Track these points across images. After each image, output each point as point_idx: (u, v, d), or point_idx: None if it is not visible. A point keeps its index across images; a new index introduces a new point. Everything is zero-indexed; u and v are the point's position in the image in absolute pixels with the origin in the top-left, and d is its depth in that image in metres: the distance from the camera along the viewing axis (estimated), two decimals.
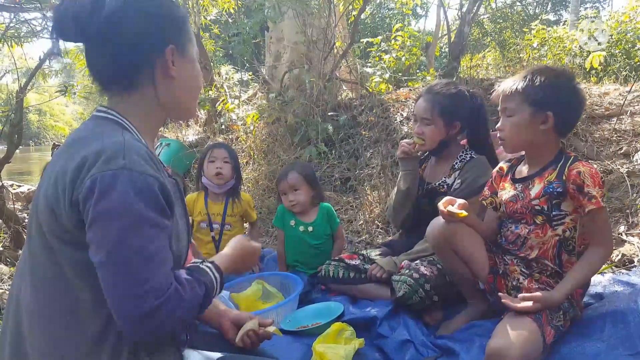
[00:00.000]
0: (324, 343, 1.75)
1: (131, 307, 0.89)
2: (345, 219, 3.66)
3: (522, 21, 12.77)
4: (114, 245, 0.89)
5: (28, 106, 7.46)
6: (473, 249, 1.81)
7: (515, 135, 1.67)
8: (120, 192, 0.90)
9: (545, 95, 1.60)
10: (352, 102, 5.09)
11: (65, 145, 1.03)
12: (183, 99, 1.14)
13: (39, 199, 1.00)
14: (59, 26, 1.01)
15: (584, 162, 1.63)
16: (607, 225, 1.62)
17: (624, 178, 2.91)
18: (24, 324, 1.00)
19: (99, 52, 1.04)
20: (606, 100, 4.22)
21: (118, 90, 1.08)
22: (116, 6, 1.00)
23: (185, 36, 1.12)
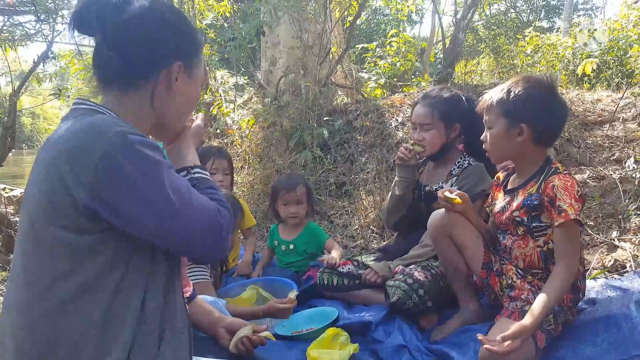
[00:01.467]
0: (319, 348, 1.74)
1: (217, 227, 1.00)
2: (340, 223, 3.66)
3: (515, 28, 12.87)
4: (168, 192, 0.94)
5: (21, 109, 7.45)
6: (469, 239, 1.83)
7: (495, 147, 1.70)
8: (140, 151, 0.92)
9: (519, 108, 1.60)
10: (347, 107, 5.10)
11: (51, 140, 1.00)
12: (172, 116, 1.15)
13: (28, 197, 0.99)
14: (80, 18, 1.03)
15: (563, 174, 1.60)
16: (574, 241, 1.54)
17: (616, 184, 2.93)
18: (16, 325, 0.98)
19: (111, 49, 1.04)
20: (599, 106, 4.26)
21: (117, 89, 1.07)
22: (140, 10, 1.03)
23: (195, 58, 1.14)
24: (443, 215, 1.85)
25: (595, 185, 3.11)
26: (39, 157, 1.01)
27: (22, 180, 9.82)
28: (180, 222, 0.96)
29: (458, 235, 1.84)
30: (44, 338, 0.94)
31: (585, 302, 1.90)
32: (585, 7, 17.27)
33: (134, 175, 0.91)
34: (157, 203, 0.93)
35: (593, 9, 17.47)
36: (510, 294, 1.72)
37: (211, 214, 1.01)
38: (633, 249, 2.33)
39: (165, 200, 0.93)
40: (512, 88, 1.63)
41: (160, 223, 0.94)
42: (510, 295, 1.71)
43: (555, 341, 1.62)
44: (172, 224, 0.95)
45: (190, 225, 0.97)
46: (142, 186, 0.92)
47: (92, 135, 0.92)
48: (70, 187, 0.91)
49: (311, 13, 5.10)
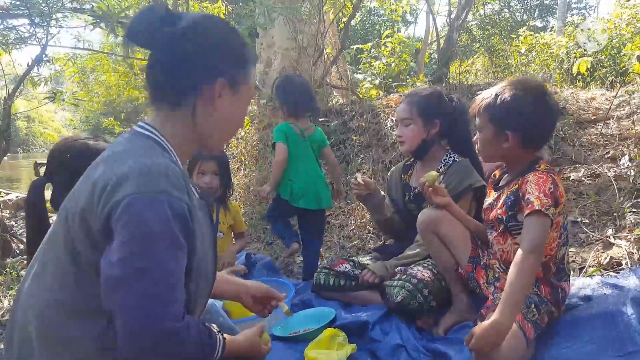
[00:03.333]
0: (316, 349, 1.74)
1: (151, 325, 0.89)
2: (337, 224, 3.66)
3: (510, 27, 12.92)
4: (149, 263, 0.91)
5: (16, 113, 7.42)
6: (455, 235, 1.90)
7: (484, 150, 1.76)
8: (161, 216, 0.93)
9: (505, 116, 1.62)
10: (342, 108, 5.11)
11: (105, 157, 1.05)
12: (215, 133, 1.14)
13: (71, 202, 1.02)
14: (132, 29, 1.06)
15: (540, 172, 1.62)
16: (538, 231, 1.51)
17: (611, 182, 2.95)
18: (31, 325, 1.00)
19: (160, 63, 1.07)
20: (593, 105, 4.28)
21: (165, 106, 1.09)
22: (188, 24, 1.05)
23: (242, 75, 1.13)
24: (429, 214, 1.92)
25: (590, 183, 3.12)
26: (92, 168, 1.05)
27: (17, 184, 9.78)
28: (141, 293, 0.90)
29: (444, 232, 1.90)
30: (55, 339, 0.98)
31: (580, 298, 1.91)
32: (579, 6, 17.37)
33: (138, 231, 0.91)
34: (146, 261, 0.91)
35: (586, 7, 17.58)
36: (496, 284, 1.78)
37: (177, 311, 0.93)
38: (628, 247, 2.34)
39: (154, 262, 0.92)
40: (500, 94, 1.64)
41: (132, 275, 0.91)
42: (496, 285, 1.77)
43: (551, 338, 1.63)
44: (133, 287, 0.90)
45: (144, 301, 0.90)
46: (135, 242, 0.91)
47: (142, 175, 0.96)
48: (99, 210, 0.95)
49: (305, 14, 5.10)
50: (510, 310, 1.42)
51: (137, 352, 0.90)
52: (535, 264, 1.49)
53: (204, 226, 1.09)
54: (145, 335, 0.89)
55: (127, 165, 0.98)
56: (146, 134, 1.08)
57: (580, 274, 2.27)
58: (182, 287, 0.96)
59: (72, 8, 3.42)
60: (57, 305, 0.98)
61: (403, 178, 2.40)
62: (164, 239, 0.93)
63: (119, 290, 0.90)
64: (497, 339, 1.38)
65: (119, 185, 0.94)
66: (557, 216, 1.57)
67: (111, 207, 0.93)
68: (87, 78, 8.59)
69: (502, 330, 1.39)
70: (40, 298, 1.01)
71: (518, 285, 1.44)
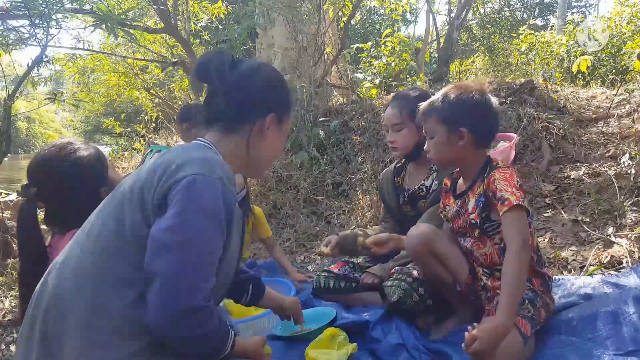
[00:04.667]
0: (317, 348, 1.74)
1: (184, 294, 0.99)
2: (338, 223, 3.67)
3: (510, 26, 12.91)
4: (196, 235, 1.03)
5: (16, 114, 7.43)
6: (451, 251, 1.82)
7: (439, 154, 1.73)
8: (215, 197, 1.07)
9: (457, 113, 1.66)
10: (343, 108, 5.11)
11: (169, 151, 1.22)
12: (262, 160, 1.35)
13: (130, 180, 1.16)
14: (203, 69, 1.27)
15: (502, 168, 1.63)
16: (520, 226, 1.51)
17: (612, 180, 2.95)
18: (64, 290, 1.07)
19: (223, 96, 1.27)
20: (593, 103, 4.28)
21: (220, 128, 1.29)
22: (250, 68, 1.30)
23: (286, 114, 1.36)
24: (421, 235, 1.80)
25: (590, 182, 3.12)
26: (157, 157, 1.22)
27: (18, 185, 9.77)
28: (183, 262, 1.01)
29: (442, 252, 1.80)
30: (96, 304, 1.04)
31: (581, 297, 1.91)
32: (579, 5, 17.35)
33: (193, 204, 1.04)
34: (195, 234, 1.03)
35: (587, 6, 17.55)
36: (486, 296, 1.75)
37: (207, 289, 1.03)
38: (629, 245, 2.34)
39: (201, 238, 1.04)
40: (446, 96, 1.69)
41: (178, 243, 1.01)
42: (487, 297, 1.74)
43: (553, 335, 1.63)
44: (179, 255, 1.01)
45: (184, 271, 1.00)
46: (188, 214, 1.04)
47: (204, 163, 1.12)
48: (161, 182, 1.08)
49: (305, 14, 5.10)
50: (513, 310, 1.43)
51: (162, 320, 0.99)
52: (527, 259, 1.50)
53: (237, 231, 1.21)
54: (174, 305, 0.98)
55: (189, 154, 1.15)
56: (204, 144, 1.26)
57: (580, 272, 2.26)
58: (214, 271, 1.07)
59: (72, 9, 3.43)
60: (97, 272, 1.06)
61: (396, 180, 2.37)
62: (213, 220, 1.06)
63: (163, 254, 1.00)
64: (500, 340, 1.38)
65: (182, 166, 1.09)
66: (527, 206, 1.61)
67: (172, 183, 1.06)
68: (87, 78, 8.58)
69: (506, 331, 1.39)
70: (79, 268, 1.08)
71: (516, 283, 1.44)
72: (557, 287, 2.05)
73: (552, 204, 3.03)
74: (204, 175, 1.07)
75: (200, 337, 1.03)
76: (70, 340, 1.03)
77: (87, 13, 3.80)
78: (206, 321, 1.03)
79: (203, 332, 1.03)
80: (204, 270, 1.03)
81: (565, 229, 2.73)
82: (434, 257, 1.79)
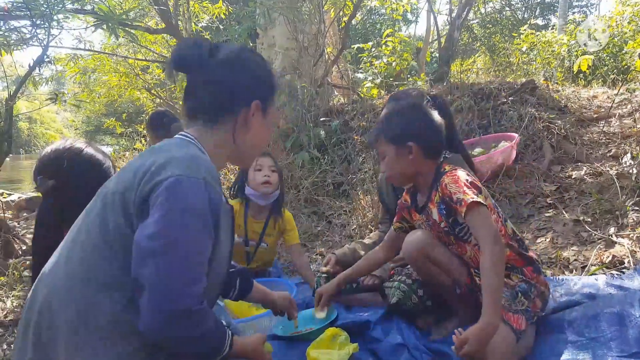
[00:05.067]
0: (318, 348, 1.74)
1: (175, 300, 0.96)
2: (339, 223, 3.67)
3: (511, 26, 12.90)
4: (182, 239, 0.99)
5: (18, 114, 7.44)
6: (447, 255, 1.80)
7: (394, 172, 1.78)
8: (200, 198, 1.04)
9: (401, 129, 1.73)
10: (343, 108, 5.11)
11: (149, 150, 1.20)
12: (249, 149, 1.30)
13: (113, 184, 1.13)
14: (179, 58, 1.22)
15: (449, 172, 1.67)
16: (484, 220, 1.52)
17: (614, 180, 2.94)
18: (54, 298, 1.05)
19: (203, 86, 1.22)
20: (595, 103, 4.28)
21: (203, 122, 1.23)
22: (229, 55, 1.23)
23: (270, 100, 1.30)
24: (417, 241, 1.79)
25: (592, 182, 3.11)
26: (136, 158, 1.18)
27: (19, 185, 9.80)
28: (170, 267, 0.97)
29: (436, 255, 1.79)
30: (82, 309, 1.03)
31: (584, 296, 1.91)
32: (580, 4, 17.33)
33: (177, 206, 1.01)
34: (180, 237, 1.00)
35: (588, 5, 17.53)
36: None
37: (198, 292, 1.00)
38: (631, 245, 2.34)
39: (186, 241, 1.00)
40: (386, 117, 1.80)
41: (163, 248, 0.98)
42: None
43: (555, 333, 1.63)
44: (164, 260, 0.98)
45: (172, 275, 0.97)
46: (172, 217, 1.00)
47: (187, 162, 1.08)
48: (142, 183, 1.05)
49: (306, 14, 5.10)
50: (497, 306, 1.43)
51: (156, 327, 0.97)
52: (501, 252, 1.50)
53: (226, 229, 1.17)
54: (167, 311, 0.96)
55: (171, 153, 1.10)
56: (187, 139, 1.21)
57: (582, 272, 2.26)
58: (205, 272, 1.04)
59: (73, 9, 3.43)
60: (84, 281, 1.04)
61: None
62: (199, 220, 1.02)
63: (150, 261, 0.97)
64: (490, 339, 1.39)
65: (163, 167, 1.05)
66: (486, 200, 1.62)
67: (153, 185, 1.03)
68: (88, 79, 8.59)
69: (494, 329, 1.40)
70: (68, 274, 1.06)
71: (495, 279, 1.45)
72: (559, 285, 2.05)
73: (554, 204, 3.03)
74: (187, 176, 1.04)
75: (196, 339, 1.02)
76: (62, 345, 1.02)
77: (88, 13, 3.81)
78: (201, 323, 1.01)
79: (198, 334, 1.01)
80: (193, 273, 1.00)
81: (566, 228, 2.73)
82: (431, 262, 1.79)
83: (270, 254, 2.68)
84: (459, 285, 1.82)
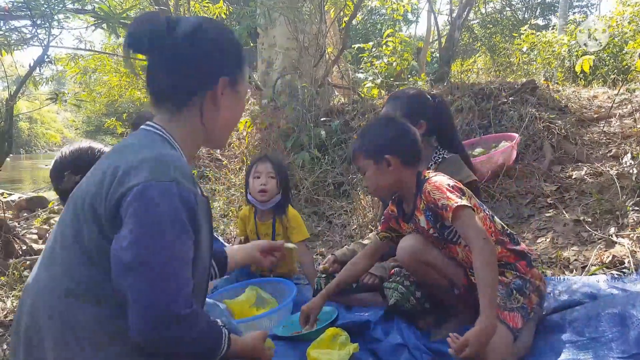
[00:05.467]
0: (318, 348, 1.74)
1: (162, 309, 0.93)
2: (339, 223, 3.67)
3: (511, 26, 12.89)
4: (159, 248, 0.95)
5: (18, 114, 7.46)
6: (441, 258, 1.80)
7: (376, 186, 1.80)
8: (172, 203, 0.98)
9: (375, 145, 1.77)
10: (344, 107, 5.10)
11: (115, 149, 1.13)
12: (220, 129, 1.22)
13: (81, 191, 1.06)
14: (134, 38, 1.11)
15: (430, 179, 1.70)
16: (471, 223, 1.55)
17: (614, 180, 2.94)
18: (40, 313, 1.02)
19: (164, 68, 1.13)
20: (595, 103, 4.27)
21: (169, 108, 1.15)
22: (191, 29, 1.11)
23: (240, 73, 1.20)
24: (412, 246, 1.79)
25: (592, 182, 3.11)
26: (102, 160, 1.11)
27: (20, 185, 9.80)
28: (153, 279, 0.94)
29: (430, 258, 1.79)
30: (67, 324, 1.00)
31: (585, 295, 1.91)
32: (581, 4, 17.33)
33: (150, 216, 0.96)
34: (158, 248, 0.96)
35: (588, 5, 17.53)
36: None
37: (187, 295, 0.97)
38: (631, 245, 2.34)
39: (164, 248, 0.96)
40: (360, 135, 1.85)
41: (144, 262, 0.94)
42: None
43: (555, 333, 1.63)
44: (145, 273, 0.94)
45: (156, 286, 0.94)
46: (147, 227, 0.96)
47: (154, 164, 1.01)
48: (109, 193, 0.99)
49: (307, 14, 5.11)
50: (494, 306, 1.45)
51: (147, 336, 0.94)
52: (492, 250, 1.52)
53: (205, 224, 1.12)
54: (155, 320, 0.93)
55: (138, 154, 1.02)
56: (153, 131, 1.13)
57: (582, 272, 2.26)
58: (189, 273, 1.00)
59: (73, 9, 3.43)
60: (67, 291, 1.01)
61: None
62: (174, 226, 0.97)
63: (129, 275, 0.94)
64: (489, 339, 1.40)
65: (130, 172, 0.99)
66: (471, 201, 1.65)
67: (122, 193, 0.97)
68: (89, 79, 8.61)
69: (494, 329, 1.41)
70: (50, 285, 1.03)
71: (489, 278, 1.47)
72: (560, 285, 2.05)
73: (554, 204, 3.03)
74: (156, 180, 0.97)
75: (189, 342, 0.99)
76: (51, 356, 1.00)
77: (89, 13, 3.80)
78: (192, 326, 0.98)
79: (191, 337, 0.98)
80: (176, 280, 0.96)
81: (567, 229, 2.73)
82: (426, 266, 1.79)
83: (289, 255, 2.58)
84: (456, 287, 1.82)
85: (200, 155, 5.51)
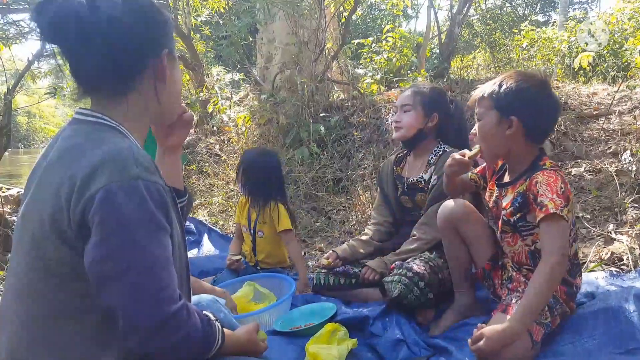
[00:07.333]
0: (317, 344, 1.74)
1: (150, 314, 0.90)
2: (338, 219, 3.67)
3: (511, 22, 12.86)
4: (134, 254, 0.90)
5: (17, 108, 7.43)
6: (478, 235, 1.81)
7: (485, 141, 1.66)
8: (141, 203, 0.91)
9: (510, 100, 1.58)
10: (343, 103, 5.09)
11: (60, 153, 0.99)
12: (170, 103, 1.15)
13: (32, 211, 0.97)
14: (55, 26, 0.96)
15: (548, 170, 1.56)
16: (557, 236, 1.46)
17: (613, 177, 2.94)
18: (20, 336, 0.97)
19: (92, 54, 0.99)
20: (595, 100, 4.27)
21: (107, 94, 1.05)
22: (114, 8, 0.99)
23: (173, 41, 1.13)
24: (453, 210, 1.83)
25: (591, 179, 3.12)
26: (48, 169, 0.99)
27: (18, 179, 9.78)
28: (135, 285, 0.90)
29: (465, 231, 1.81)
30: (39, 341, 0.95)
31: (584, 295, 1.91)
32: (581, 1, 17.29)
33: (118, 221, 0.89)
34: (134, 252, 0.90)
35: (588, 2, 17.49)
36: (508, 285, 1.73)
37: (172, 293, 0.93)
38: (630, 242, 2.34)
39: (142, 252, 0.90)
40: (504, 81, 1.61)
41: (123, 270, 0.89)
42: (509, 287, 1.72)
43: (554, 335, 1.63)
44: (126, 281, 0.89)
45: (140, 292, 0.89)
46: (117, 234, 0.89)
47: (111, 163, 0.92)
48: (71, 205, 0.91)
49: (306, 9, 5.08)
50: (528, 318, 1.41)
51: (141, 342, 0.90)
52: (561, 273, 1.46)
53: (175, 212, 1.07)
54: (145, 325, 0.89)
55: (91, 157, 0.93)
56: (95, 120, 1.02)
57: (581, 269, 2.26)
58: (172, 270, 0.95)
59: None
60: (43, 313, 0.95)
61: (395, 170, 2.41)
62: (145, 226, 0.91)
63: (110, 286, 0.89)
64: (506, 344, 1.38)
65: (89, 179, 0.90)
66: (568, 215, 1.51)
67: (85, 202, 0.90)
68: None
69: (514, 337, 1.39)
70: (22, 314, 0.97)
71: (540, 295, 1.42)
72: None
73: None
74: (117, 182, 0.90)
75: (182, 339, 0.95)
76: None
77: None
78: (182, 324, 0.94)
79: (184, 334, 0.94)
80: (159, 280, 0.91)
81: None
82: (457, 234, 1.81)
83: (271, 245, 2.72)
84: (476, 266, 1.82)
85: (198, 151, 5.50)
